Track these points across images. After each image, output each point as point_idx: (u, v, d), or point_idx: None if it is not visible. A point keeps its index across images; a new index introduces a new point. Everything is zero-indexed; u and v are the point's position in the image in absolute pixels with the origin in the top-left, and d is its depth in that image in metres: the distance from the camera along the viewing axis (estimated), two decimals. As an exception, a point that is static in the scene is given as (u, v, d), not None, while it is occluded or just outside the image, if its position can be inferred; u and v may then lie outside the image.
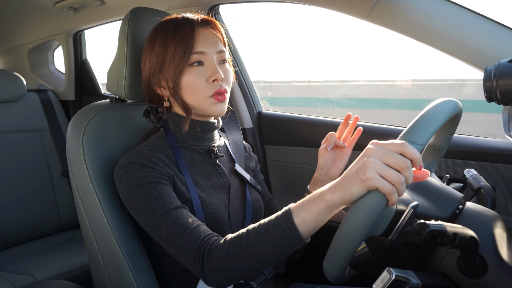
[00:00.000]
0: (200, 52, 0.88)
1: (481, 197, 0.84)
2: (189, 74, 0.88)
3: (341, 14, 1.17)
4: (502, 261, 0.63)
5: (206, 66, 0.89)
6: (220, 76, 0.88)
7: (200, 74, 0.88)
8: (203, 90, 0.88)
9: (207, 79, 0.88)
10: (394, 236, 0.60)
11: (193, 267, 0.76)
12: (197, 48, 0.87)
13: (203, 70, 0.88)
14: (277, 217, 0.69)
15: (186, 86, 0.88)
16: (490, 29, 0.98)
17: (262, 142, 1.62)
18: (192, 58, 0.87)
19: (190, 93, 0.89)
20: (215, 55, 0.90)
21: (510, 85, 0.75)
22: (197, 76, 0.88)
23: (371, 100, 2.35)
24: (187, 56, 0.86)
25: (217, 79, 0.88)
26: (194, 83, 0.88)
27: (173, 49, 0.87)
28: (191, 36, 0.87)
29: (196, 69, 0.88)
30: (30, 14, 2.01)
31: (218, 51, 0.90)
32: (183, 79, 0.88)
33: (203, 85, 0.88)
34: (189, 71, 0.88)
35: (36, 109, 2.03)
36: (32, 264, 1.57)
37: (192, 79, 0.88)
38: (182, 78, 0.88)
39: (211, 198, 0.92)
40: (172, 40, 0.87)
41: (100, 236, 0.96)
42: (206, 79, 0.88)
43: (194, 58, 0.87)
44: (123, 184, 0.85)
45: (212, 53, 0.89)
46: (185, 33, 0.87)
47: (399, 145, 0.59)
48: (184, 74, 0.88)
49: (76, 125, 0.99)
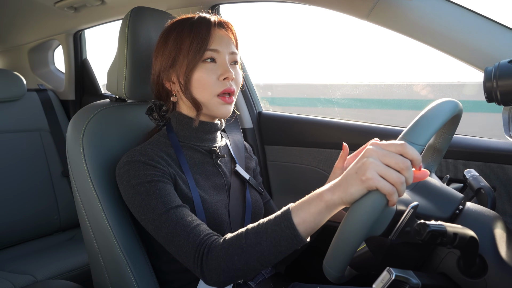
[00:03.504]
0: (214, 50, 0.89)
1: (481, 197, 0.84)
2: (201, 70, 0.89)
3: (341, 14, 1.17)
4: (502, 261, 0.63)
5: (218, 64, 0.90)
6: (231, 75, 0.89)
7: (212, 71, 0.89)
8: (213, 87, 0.89)
9: (218, 77, 0.90)
10: (394, 236, 0.60)
11: (193, 266, 0.76)
12: (212, 45, 0.89)
13: (215, 68, 0.90)
14: (277, 216, 0.69)
15: (197, 81, 0.90)
16: (490, 29, 0.98)
17: (262, 142, 1.62)
18: (206, 55, 0.89)
19: (199, 89, 0.90)
20: (228, 55, 0.91)
21: (510, 86, 0.75)
22: (208, 72, 0.89)
23: (371, 101, 2.35)
24: (201, 51, 0.88)
25: (228, 78, 0.89)
26: (205, 79, 0.89)
27: (188, 44, 0.88)
28: (207, 33, 0.89)
29: (208, 65, 0.90)
30: (30, 14, 2.00)
31: (230, 52, 0.92)
32: (195, 74, 0.89)
33: (213, 82, 0.89)
34: (201, 67, 0.89)
35: (36, 108, 2.03)
36: (32, 263, 1.57)
37: (204, 75, 0.89)
38: (194, 74, 0.89)
39: (212, 198, 0.92)
40: (188, 36, 0.89)
41: (100, 236, 0.96)
42: (217, 76, 0.90)
43: (208, 55, 0.89)
44: (125, 182, 0.85)
45: (225, 53, 0.91)
46: (202, 31, 0.89)
47: (399, 146, 0.59)
48: (196, 69, 0.89)
49: (76, 124, 0.99)
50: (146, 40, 1.03)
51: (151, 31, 1.04)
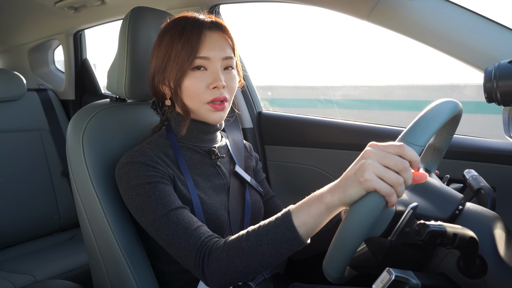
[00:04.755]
0: (204, 57, 0.87)
1: (481, 197, 0.84)
2: (190, 78, 0.87)
3: (342, 15, 1.17)
4: (502, 262, 0.63)
5: (209, 72, 0.88)
6: (220, 84, 0.87)
7: (201, 79, 0.87)
8: (202, 96, 0.88)
9: (207, 85, 0.87)
10: (393, 237, 0.60)
11: (194, 268, 0.76)
12: (202, 52, 0.86)
13: (205, 76, 0.88)
14: (277, 219, 0.69)
15: (186, 89, 0.88)
16: (490, 29, 0.98)
17: (262, 142, 1.62)
18: (195, 63, 0.87)
19: (189, 97, 0.89)
20: (220, 61, 0.89)
21: (510, 86, 0.75)
22: (198, 81, 0.87)
23: (371, 101, 2.35)
24: (190, 59, 0.86)
25: (217, 87, 0.87)
26: (194, 87, 0.87)
27: (178, 50, 0.86)
28: (197, 39, 0.86)
29: (198, 73, 0.87)
30: (31, 14, 2.01)
31: (224, 57, 0.89)
32: (185, 82, 0.88)
33: (203, 90, 0.87)
34: (191, 75, 0.87)
35: (36, 108, 2.03)
36: (32, 263, 1.57)
37: (193, 84, 0.87)
38: (183, 81, 0.88)
39: (211, 199, 0.92)
40: (178, 41, 0.86)
41: (100, 236, 0.96)
42: (207, 85, 0.87)
43: (197, 63, 0.87)
44: (124, 183, 0.85)
45: (217, 59, 0.88)
46: (192, 36, 0.86)
47: (398, 147, 0.59)
48: (186, 77, 0.87)
49: (76, 124, 0.99)
50: (146, 40, 1.03)
51: (151, 31, 1.04)
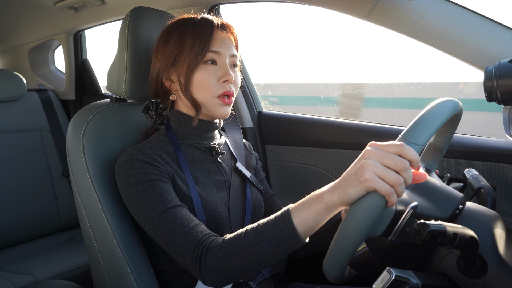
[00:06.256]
0: (216, 51, 0.90)
1: (481, 197, 0.84)
2: (201, 71, 0.90)
3: (342, 14, 1.17)
4: (502, 261, 0.63)
5: (219, 66, 0.91)
6: (231, 78, 0.90)
7: (212, 72, 0.90)
8: (212, 89, 0.90)
9: (218, 79, 0.90)
10: (393, 236, 0.60)
11: (191, 266, 0.76)
12: (214, 47, 0.90)
13: (216, 70, 0.90)
14: (276, 217, 0.69)
15: (197, 82, 0.90)
16: (490, 29, 0.98)
17: (263, 141, 1.62)
18: (208, 56, 0.89)
19: (199, 90, 0.90)
20: (228, 58, 0.92)
21: (511, 85, 0.75)
22: (209, 74, 0.90)
23: (371, 99, 2.35)
24: (203, 53, 0.89)
25: (228, 80, 0.90)
26: (205, 80, 0.89)
27: (190, 44, 0.89)
28: (209, 34, 0.90)
29: (209, 67, 0.90)
30: (31, 14, 2.01)
31: (231, 55, 0.93)
32: (196, 75, 0.90)
33: (213, 84, 0.90)
34: (202, 68, 0.90)
35: (36, 108, 2.03)
36: (32, 263, 1.58)
37: (204, 76, 0.89)
38: (194, 74, 0.90)
39: (211, 196, 0.92)
40: (190, 36, 0.89)
41: (100, 236, 0.96)
42: (217, 78, 0.90)
43: (209, 56, 0.90)
44: (123, 181, 0.85)
45: (226, 55, 0.91)
46: (204, 32, 0.89)
47: (397, 147, 0.59)
48: (197, 70, 0.90)
49: (77, 124, 0.99)
50: (146, 40, 1.03)
51: (151, 31, 1.04)
